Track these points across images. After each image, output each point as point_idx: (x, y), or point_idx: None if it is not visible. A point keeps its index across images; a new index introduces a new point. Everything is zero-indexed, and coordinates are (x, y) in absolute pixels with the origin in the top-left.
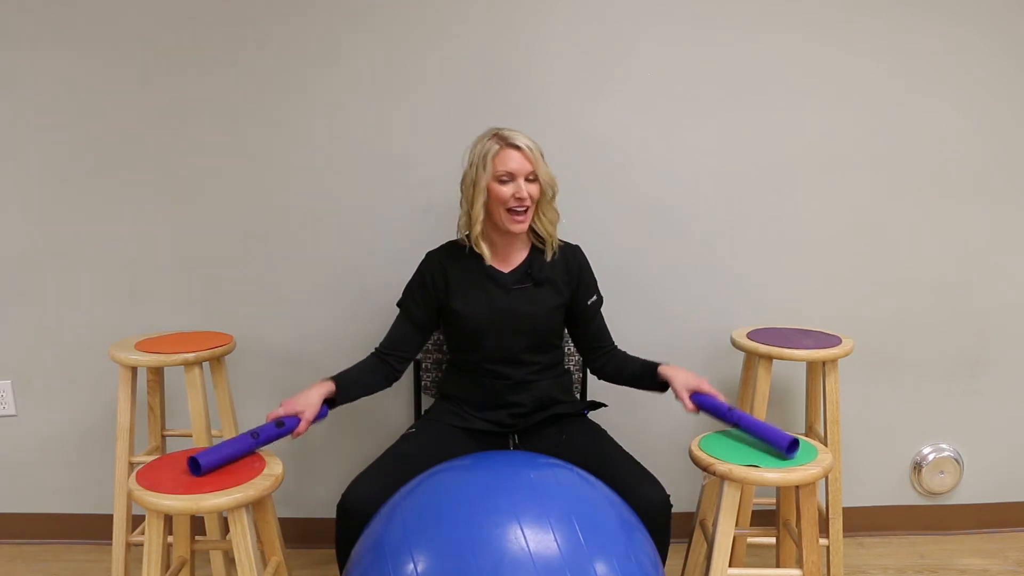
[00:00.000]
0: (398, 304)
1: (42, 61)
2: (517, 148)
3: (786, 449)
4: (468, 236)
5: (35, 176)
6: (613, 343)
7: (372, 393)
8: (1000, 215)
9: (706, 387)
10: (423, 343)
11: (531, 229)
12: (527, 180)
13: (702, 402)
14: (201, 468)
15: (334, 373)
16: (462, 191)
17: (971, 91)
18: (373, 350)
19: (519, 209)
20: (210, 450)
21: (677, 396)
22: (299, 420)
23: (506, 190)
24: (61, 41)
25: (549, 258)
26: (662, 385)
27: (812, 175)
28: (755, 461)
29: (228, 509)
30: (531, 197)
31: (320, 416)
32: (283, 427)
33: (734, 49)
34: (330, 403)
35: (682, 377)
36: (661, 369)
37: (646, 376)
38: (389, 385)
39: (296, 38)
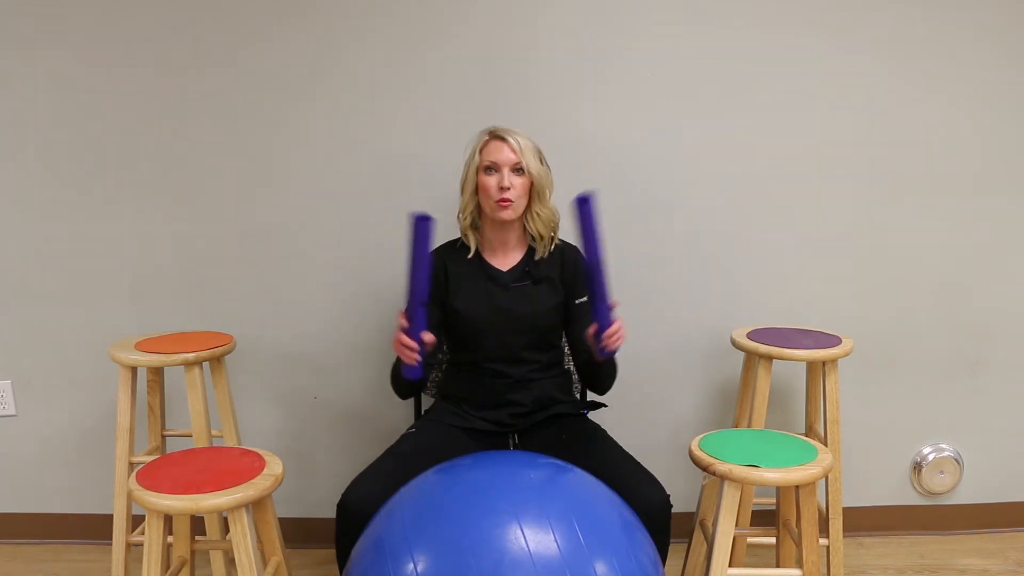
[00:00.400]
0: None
1: (42, 61)
2: (503, 140)
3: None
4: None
5: (35, 176)
6: None
7: (423, 384)
8: (1000, 215)
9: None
10: (441, 342)
11: (526, 228)
12: (513, 172)
13: (595, 317)
14: (429, 219)
15: (334, 372)
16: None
17: (971, 91)
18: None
19: (504, 199)
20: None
21: (592, 339)
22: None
23: (491, 180)
24: (61, 41)
25: (539, 256)
26: (598, 351)
27: (812, 175)
28: (755, 461)
29: (228, 509)
30: (516, 189)
31: (415, 370)
32: (423, 308)
33: (734, 48)
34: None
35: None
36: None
37: (590, 353)
38: (427, 385)
39: (296, 38)
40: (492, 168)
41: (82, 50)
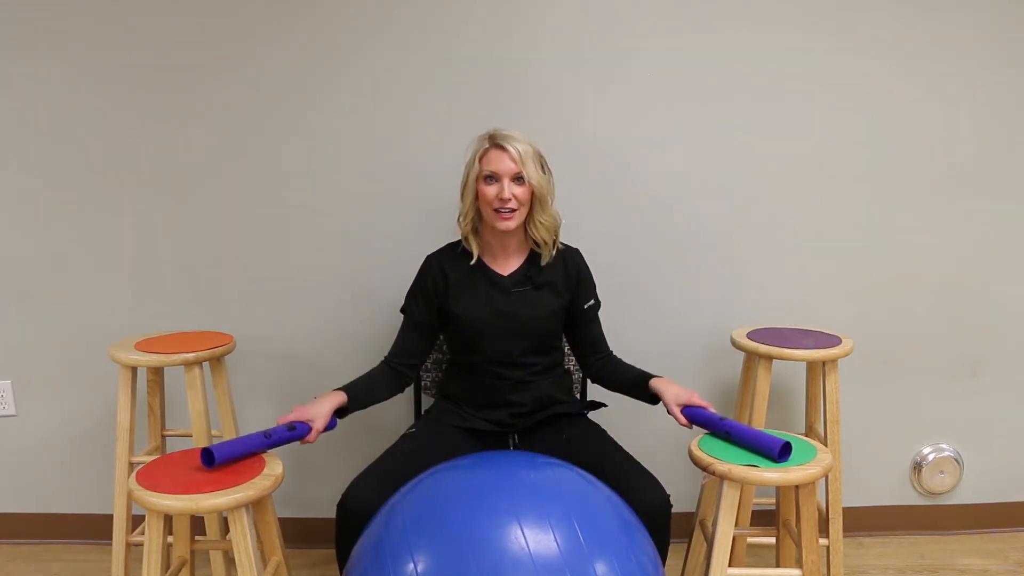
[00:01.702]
0: (402, 311)
1: (43, 59)
2: (503, 149)
3: (778, 454)
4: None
5: (35, 175)
6: (608, 349)
7: (386, 399)
8: (1000, 215)
9: (697, 400)
10: (431, 347)
11: (528, 233)
12: (513, 181)
13: (694, 415)
14: (215, 460)
15: (334, 372)
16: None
17: (971, 91)
18: (382, 360)
19: (504, 209)
20: (224, 444)
21: (669, 411)
22: (310, 428)
23: (490, 190)
24: (62, 42)
25: (545, 262)
26: (653, 398)
27: (812, 175)
28: (755, 461)
29: (228, 509)
30: (516, 198)
31: (330, 427)
32: (295, 431)
33: (734, 50)
34: (340, 413)
35: (673, 391)
36: (653, 383)
37: (638, 387)
38: (402, 390)
39: (297, 39)
40: (492, 178)
41: (83, 51)
